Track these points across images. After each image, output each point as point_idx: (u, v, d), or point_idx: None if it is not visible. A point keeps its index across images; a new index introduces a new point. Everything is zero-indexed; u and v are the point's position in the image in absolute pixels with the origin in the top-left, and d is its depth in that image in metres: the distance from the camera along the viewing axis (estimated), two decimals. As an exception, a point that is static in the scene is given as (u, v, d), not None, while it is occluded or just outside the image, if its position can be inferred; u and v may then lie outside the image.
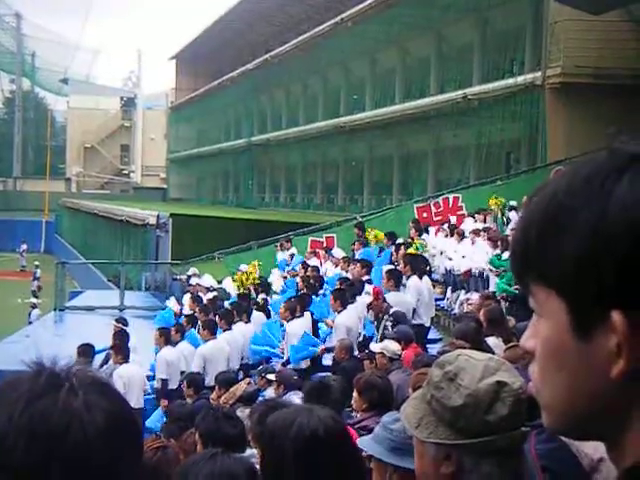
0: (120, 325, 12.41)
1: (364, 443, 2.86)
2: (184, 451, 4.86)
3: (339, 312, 10.12)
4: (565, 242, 0.83)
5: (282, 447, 2.26)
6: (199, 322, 11.41)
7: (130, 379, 10.13)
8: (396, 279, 10.36)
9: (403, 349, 7.53)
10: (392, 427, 2.76)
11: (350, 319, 9.96)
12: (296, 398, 6.21)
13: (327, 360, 10.38)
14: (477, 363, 1.86)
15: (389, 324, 8.97)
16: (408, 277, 10.81)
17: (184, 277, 19.47)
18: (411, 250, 13.78)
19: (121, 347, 10.59)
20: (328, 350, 10.14)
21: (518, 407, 1.83)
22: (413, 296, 10.47)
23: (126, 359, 10.42)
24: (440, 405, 1.84)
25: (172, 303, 16.22)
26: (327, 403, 4.65)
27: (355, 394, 5.40)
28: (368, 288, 10.89)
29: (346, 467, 2.33)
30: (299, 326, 10.53)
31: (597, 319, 0.82)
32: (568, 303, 0.84)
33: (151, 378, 11.35)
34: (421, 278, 10.83)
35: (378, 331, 9.32)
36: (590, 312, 0.82)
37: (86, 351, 10.45)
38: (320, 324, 11.21)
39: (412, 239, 15.31)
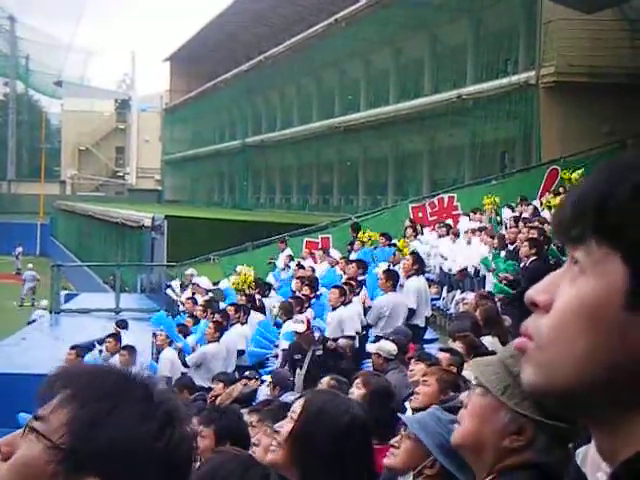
0: (119, 329, 12.58)
1: (412, 423, 2.85)
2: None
3: (335, 309, 10.10)
4: None
5: (327, 430, 2.25)
6: (211, 323, 11.47)
7: None
8: (394, 280, 10.33)
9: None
10: (450, 427, 2.68)
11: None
12: (293, 399, 6.19)
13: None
14: None
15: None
16: (409, 276, 10.77)
17: (176, 283, 19.33)
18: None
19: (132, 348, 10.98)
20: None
21: None
22: (414, 296, 10.42)
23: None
24: None
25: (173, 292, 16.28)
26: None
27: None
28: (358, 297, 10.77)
29: (370, 461, 2.36)
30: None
31: None
32: (634, 270, 0.80)
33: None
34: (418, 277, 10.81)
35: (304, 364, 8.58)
36: None
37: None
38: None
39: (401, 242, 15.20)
